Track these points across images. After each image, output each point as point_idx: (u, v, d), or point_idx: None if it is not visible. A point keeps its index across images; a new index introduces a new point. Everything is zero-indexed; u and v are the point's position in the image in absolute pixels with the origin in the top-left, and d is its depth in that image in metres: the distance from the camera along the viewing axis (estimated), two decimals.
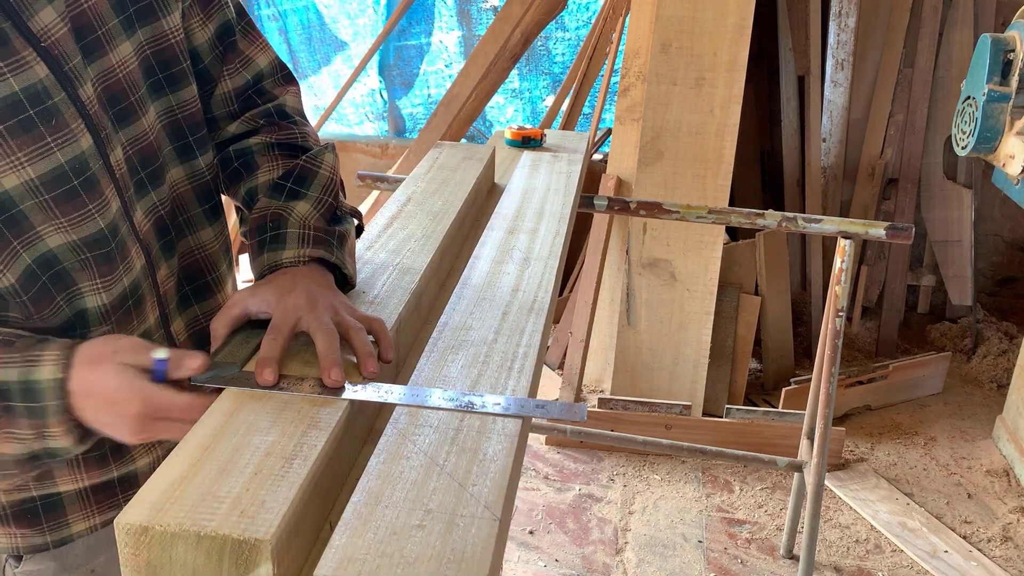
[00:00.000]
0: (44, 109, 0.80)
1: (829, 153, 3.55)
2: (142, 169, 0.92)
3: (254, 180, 1.00)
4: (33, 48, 0.79)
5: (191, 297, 1.03)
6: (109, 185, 0.87)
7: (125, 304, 0.91)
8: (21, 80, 0.78)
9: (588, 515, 2.52)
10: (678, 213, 1.93)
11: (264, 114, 1.04)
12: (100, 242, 0.86)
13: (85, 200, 0.84)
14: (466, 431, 0.72)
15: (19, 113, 0.79)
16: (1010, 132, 2.25)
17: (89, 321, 0.88)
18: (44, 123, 0.80)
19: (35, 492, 0.94)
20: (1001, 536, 2.48)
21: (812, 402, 2.22)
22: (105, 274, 0.88)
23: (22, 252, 0.82)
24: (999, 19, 3.46)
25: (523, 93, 4.28)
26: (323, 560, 0.57)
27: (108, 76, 0.87)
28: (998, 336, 3.54)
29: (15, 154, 0.79)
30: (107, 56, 0.87)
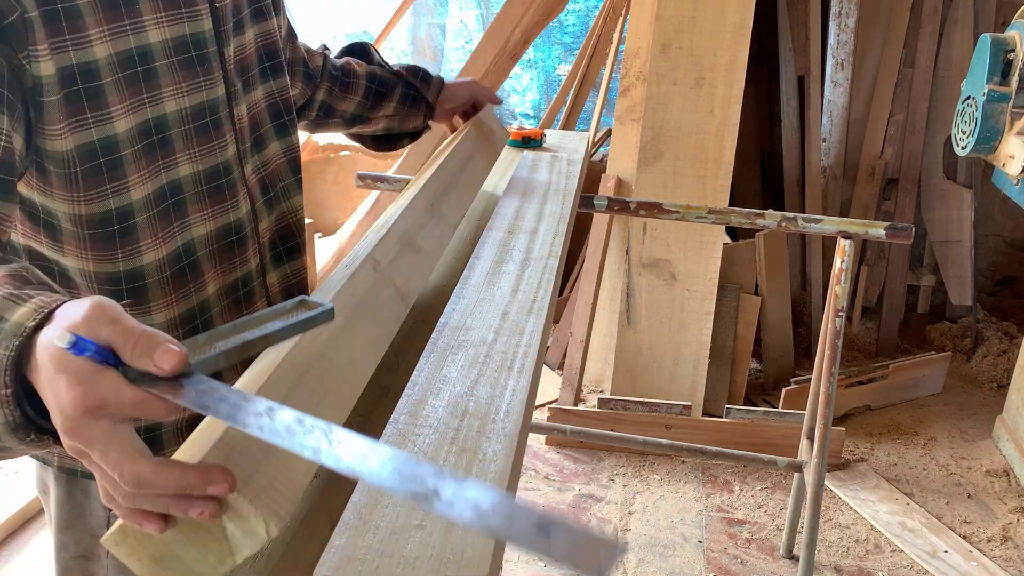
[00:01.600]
0: (202, 55, 0.96)
1: (829, 153, 3.55)
2: (252, 133, 1.07)
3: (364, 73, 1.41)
4: (208, 3, 0.97)
5: (283, 256, 1.15)
6: (230, 131, 1.02)
7: (229, 238, 1.03)
8: (194, 27, 0.95)
9: (588, 515, 2.52)
10: (678, 213, 1.93)
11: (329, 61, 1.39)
12: (216, 175, 1.00)
13: (212, 136, 0.99)
14: (466, 431, 0.72)
15: (186, 52, 0.94)
16: (1010, 132, 2.25)
17: (196, 247, 0.99)
18: (201, 65, 0.96)
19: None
20: (1001, 536, 2.48)
21: (812, 402, 2.22)
22: (215, 203, 1.00)
23: (163, 172, 0.94)
24: (999, 19, 3.46)
25: (537, 62, 4.55)
26: (323, 560, 0.57)
27: (242, 50, 1.05)
28: (998, 336, 3.54)
29: (180, 84, 0.94)
30: (244, 34, 1.05)
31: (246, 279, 1.07)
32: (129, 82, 0.89)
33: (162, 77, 0.92)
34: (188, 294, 1.00)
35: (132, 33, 0.88)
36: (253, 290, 1.10)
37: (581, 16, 4.38)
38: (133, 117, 0.90)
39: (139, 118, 0.90)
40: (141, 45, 0.89)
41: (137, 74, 0.89)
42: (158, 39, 0.91)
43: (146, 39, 0.90)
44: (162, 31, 0.91)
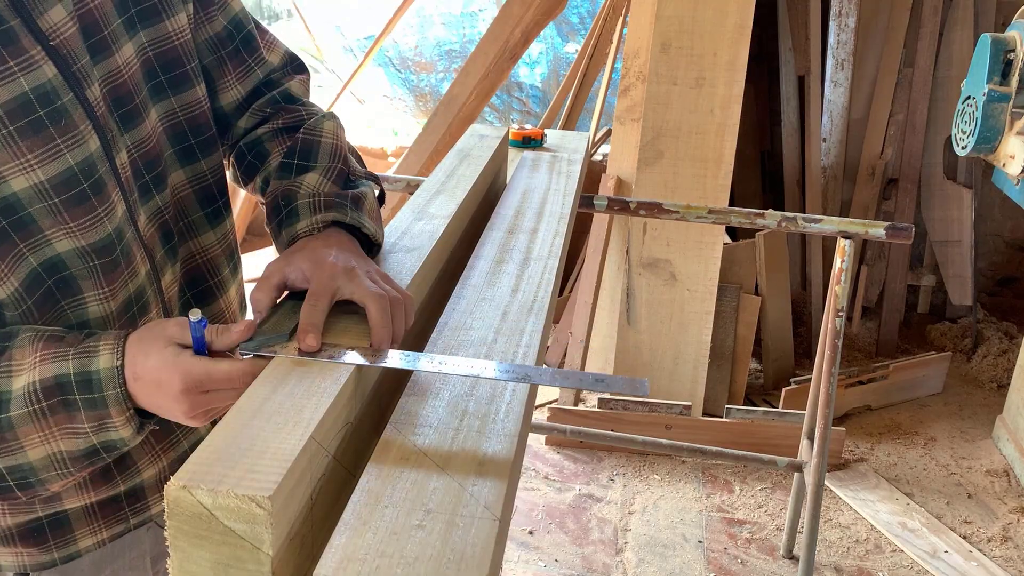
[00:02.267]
0: (53, 110, 0.79)
1: (829, 153, 3.55)
2: (146, 173, 0.91)
3: (267, 168, 0.99)
4: (42, 47, 0.78)
5: (192, 302, 1.02)
6: (115, 189, 0.86)
7: (130, 311, 0.90)
8: (31, 80, 0.77)
9: (588, 515, 2.52)
10: (678, 213, 1.93)
11: (270, 102, 1.03)
12: (107, 249, 0.85)
13: (94, 204, 0.83)
14: (466, 431, 0.72)
15: (29, 114, 0.77)
16: (1010, 132, 2.25)
17: (92, 328, 0.87)
18: (53, 124, 0.79)
19: (41, 512, 0.92)
20: (1001, 536, 2.48)
21: (812, 402, 2.22)
22: (112, 281, 0.87)
23: (28, 256, 0.81)
24: (999, 19, 3.46)
25: (546, 39, 4.61)
26: (323, 560, 0.57)
27: (114, 77, 0.86)
28: (998, 336, 3.54)
29: (24, 156, 0.77)
30: (112, 57, 0.85)
31: None
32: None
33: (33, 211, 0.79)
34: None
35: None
36: None
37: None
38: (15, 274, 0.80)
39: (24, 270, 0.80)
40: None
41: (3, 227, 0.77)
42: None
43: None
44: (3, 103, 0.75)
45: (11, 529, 0.92)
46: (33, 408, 0.75)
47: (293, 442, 0.64)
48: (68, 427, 0.76)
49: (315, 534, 0.68)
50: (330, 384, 0.72)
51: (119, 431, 0.77)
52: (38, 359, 0.76)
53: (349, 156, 1.01)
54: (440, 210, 1.17)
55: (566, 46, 4.51)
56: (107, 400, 0.76)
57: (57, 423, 0.76)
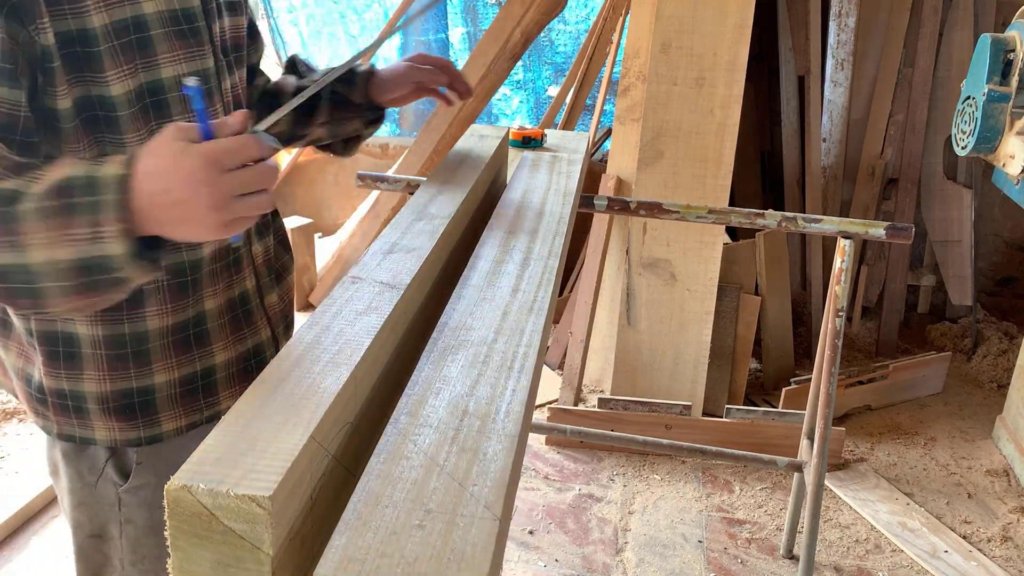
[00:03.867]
0: (193, 28, 1.02)
1: (829, 153, 3.55)
2: (231, 104, 1.12)
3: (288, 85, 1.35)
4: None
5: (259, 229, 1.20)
6: (219, 102, 1.08)
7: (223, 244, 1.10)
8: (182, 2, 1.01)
9: (588, 515, 2.52)
10: (678, 213, 1.93)
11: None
12: None
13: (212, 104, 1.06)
14: (466, 431, 0.72)
15: (179, 24, 1.00)
16: (1010, 132, 2.25)
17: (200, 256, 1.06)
18: (192, 36, 1.02)
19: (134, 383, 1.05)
20: (1001, 536, 2.48)
21: (812, 402, 2.22)
22: None
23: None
24: (999, 19, 3.46)
25: (527, 84, 4.42)
26: (323, 560, 0.57)
27: (222, 33, 1.09)
28: (998, 336, 3.54)
29: (176, 51, 1.00)
30: (222, 19, 1.10)
31: (242, 298, 1.15)
32: (124, 49, 0.95)
33: (158, 45, 0.98)
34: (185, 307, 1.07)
35: (128, 3, 0.95)
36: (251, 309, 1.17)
37: (573, 37, 4.29)
38: (130, 81, 0.96)
39: (135, 82, 0.96)
40: (137, 15, 0.96)
41: (132, 42, 0.95)
42: (152, 11, 0.97)
43: (140, 10, 0.96)
44: (156, 2, 0.98)
45: (108, 401, 1.05)
46: (41, 205, 0.79)
47: (293, 442, 0.64)
48: (67, 232, 0.79)
49: (316, 534, 0.68)
50: (330, 384, 0.72)
51: (111, 244, 0.79)
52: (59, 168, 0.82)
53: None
54: (440, 210, 1.17)
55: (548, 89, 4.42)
56: (103, 205, 0.78)
57: (60, 226, 0.79)
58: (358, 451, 0.78)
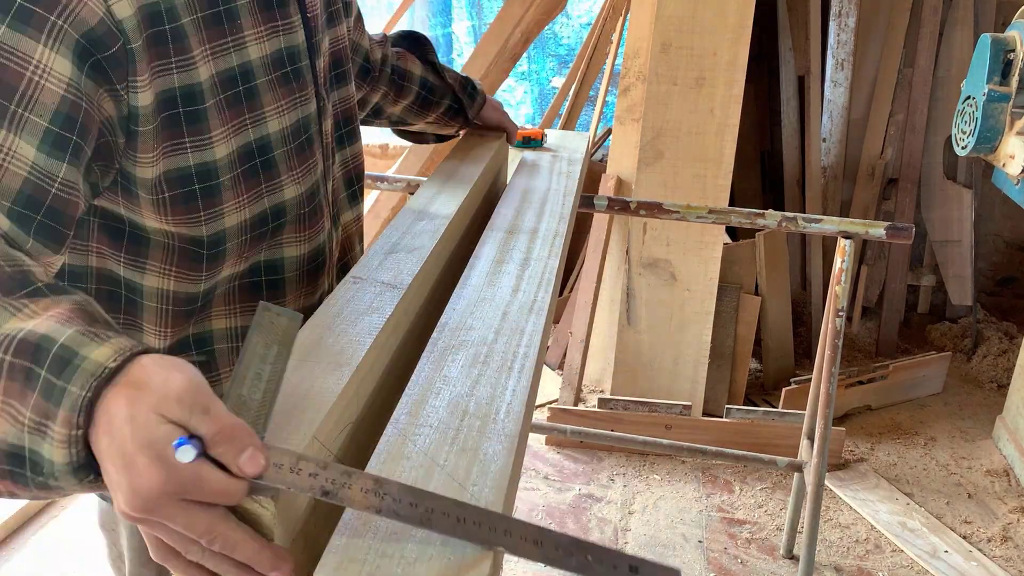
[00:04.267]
0: (296, 69, 0.92)
1: (829, 153, 3.55)
2: (332, 148, 1.06)
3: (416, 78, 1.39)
4: (301, 15, 0.92)
5: (340, 274, 1.13)
6: (318, 149, 0.99)
7: (315, 261, 1.02)
8: (288, 40, 0.90)
9: (588, 515, 2.52)
10: (678, 213, 1.93)
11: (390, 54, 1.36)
12: (311, 197, 0.97)
13: (307, 156, 0.95)
14: (466, 431, 0.72)
15: (283, 67, 0.90)
16: (1010, 132, 2.25)
17: (285, 267, 0.97)
18: (296, 80, 0.92)
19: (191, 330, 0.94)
20: (1001, 536, 2.48)
21: (812, 402, 2.22)
22: (311, 225, 0.98)
23: (265, 197, 0.90)
24: (999, 19, 3.46)
25: (531, 75, 4.53)
26: (323, 560, 0.57)
27: (324, 60, 1.01)
28: (998, 336, 3.54)
29: (280, 101, 0.90)
30: (323, 43, 1.00)
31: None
32: (231, 103, 0.84)
33: (263, 95, 0.87)
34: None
35: (234, 50, 0.84)
36: None
37: (575, 30, 4.40)
38: (234, 140, 0.85)
39: (240, 141, 0.86)
40: (243, 63, 0.85)
41: (239, 94, 0.85)
42: (258, 55, 0.86)
43: (247, 56, 0.85)
44: (261, 47, 0.87)
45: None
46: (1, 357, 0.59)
47: (295, 442, 0.64)
48: (13, 405, 0.58)
49: (319, 533, 0.68)
50: (332, 385, 0.72)
51: (52, 448, 0.57)
52: (52, 313, 0.61)
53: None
54: (441, 210, 1.17)
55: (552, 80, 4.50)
56: (64, 395, 0.56)
57: (7, 391, 0.58)
58: (359, 451, 0.78)
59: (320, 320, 0.84)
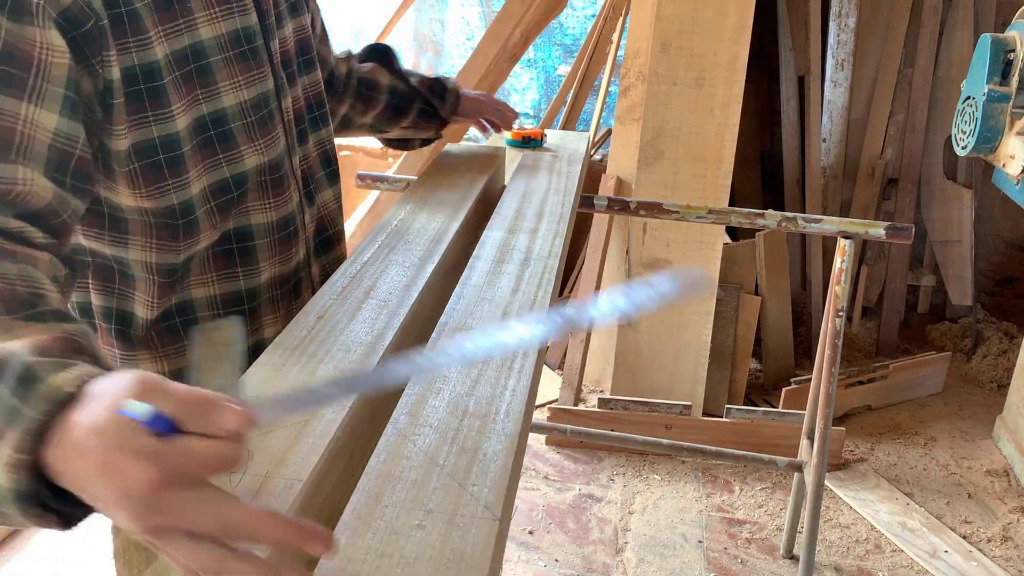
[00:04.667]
0: (252, 48, 0.99)
1: (829, 153, 3.55)
2: (296, 126, 1.11)
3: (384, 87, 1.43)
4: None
5: (321, 248, 1.19)
6: (279, 124, 1.05)
7: (286, 230, 1.08)
8: (242, 20, 0.98)
9: (588, 515, 2.52)
10: (678, 213, 1.93)
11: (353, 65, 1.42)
12: (276, 167, 1.04)
13: (270, 128, 1.02)
14: (466, 431, 0.72)
15: (238, 46, 0.97)
16: (1010, 132, 2.25)
17: (254, 235, 1.04)
18: (252, 58, 0.99)
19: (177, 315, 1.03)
20: (1001, 536, 2.48)
21: (812, 402, 2.22)
22: (277, 195, 1.05)
23: (224, 166, 0.98)
24: (999, 19, 3.46)
25: (537, 62, 4.60)
26: (323, 560, 0.57)
27: (284, 44, 1.07)
28: (998, 336, 3.54)
29: (236, 77, 0.97)
30: (284, 28, 1.07)
31: (296, 269, 1.12)
32: (185, 79, 0.92)
33: (217, 72, 0.95)
34: (235, 277, 1.05)
35: (187, 31, 0.92)
36: (300, 280, 1.14)
37: (580, 21, 4.46)
38: (190, 113, 0.93)
39: (196, 114, 0.94)
40: (195, 42, 0.93)
41: (192, 71, 0.93)
42: (211, 35, 0.94)
43: (199, 36, 0.93)
44: (215, 26, 0.95)
45: None
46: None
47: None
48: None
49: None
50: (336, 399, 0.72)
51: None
52: (33, 340, 0.60)
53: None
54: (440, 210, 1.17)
55: (558, 68, 4.55)
56: (16, 417, 0.54)
57: None
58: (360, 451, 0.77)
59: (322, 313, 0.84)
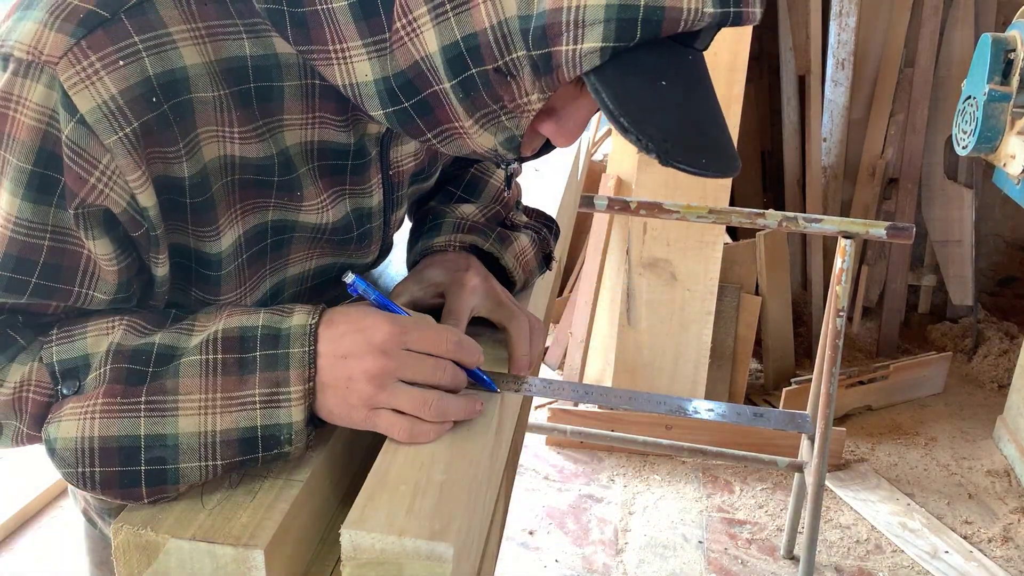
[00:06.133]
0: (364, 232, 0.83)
1: (830, 153, 3.54)
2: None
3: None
4: (382, 175, 0.82)
5: None
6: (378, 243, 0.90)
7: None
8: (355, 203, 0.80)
9: (588, 515, 2.52)
10: (678, 213, 1.93)
11: None
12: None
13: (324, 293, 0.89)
14: None
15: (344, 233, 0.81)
16: (1011, 132, 2.25)
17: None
18: (358, 243, 0.83)
19: None
20: (1002, 536, 2.48)
21: (812, 402, 2.22)
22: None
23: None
24: (1000, 18, 3.45)
25: None
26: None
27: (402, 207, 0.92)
28: (999, 336, 3.54)
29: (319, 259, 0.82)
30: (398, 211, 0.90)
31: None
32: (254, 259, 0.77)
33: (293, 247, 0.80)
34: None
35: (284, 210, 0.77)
36: None
37: None
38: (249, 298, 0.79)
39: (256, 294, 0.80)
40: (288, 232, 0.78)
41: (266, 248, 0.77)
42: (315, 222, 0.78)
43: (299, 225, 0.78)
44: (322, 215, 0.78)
45: None
46: (206, 358, 0.65)
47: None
48: (234, 396, 0.64)
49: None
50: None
51: (290, 410, 0.64)
52: (225, 315, 0.68)
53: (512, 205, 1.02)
54: None
55: None
56: (290, 359, 0.65)
57: (224, 387, 0.64)
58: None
59: None
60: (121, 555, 0.60)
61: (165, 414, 0.63)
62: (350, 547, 0.57)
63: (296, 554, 0.65)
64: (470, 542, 0.64)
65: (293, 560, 0.64)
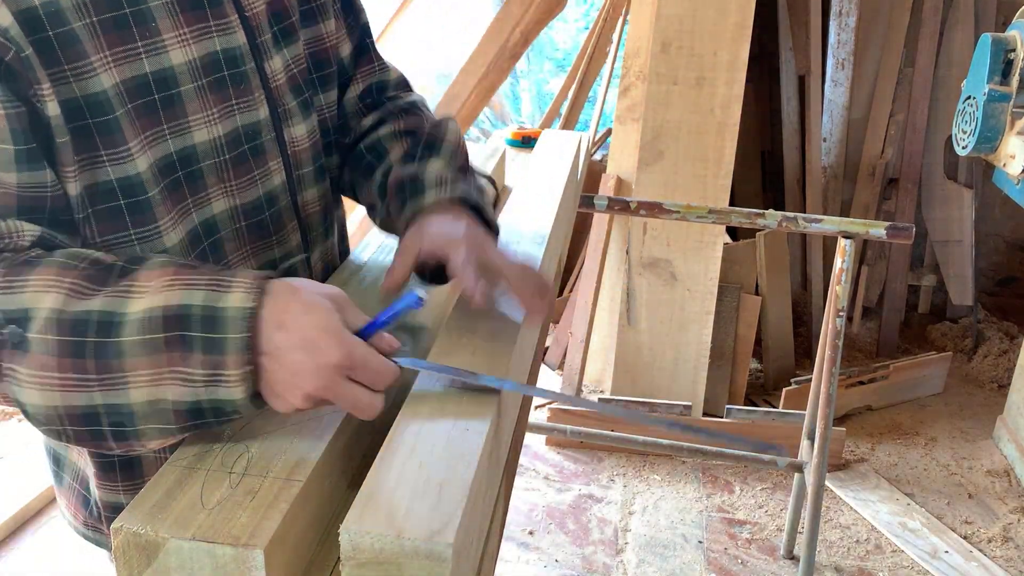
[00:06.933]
0: (237, 73, 0.86)
1: (830, 153, 3.55)
2: (312, 160, 0.98)
3: (387, 163, 1.01)
4: (238, 15, 0.86)
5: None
6: (277, 158, 0.92)
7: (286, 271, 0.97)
8: (223, 41, 0.84)
9: (588, 515, 2.52)
10: (678, 213, 1.93)
11: (393, 108, 1.07)
12: (258, 209, 0.91)
13: (252, 166, 0.89)
14: None
15: (217, 71, 0.84)
16: (1011, 132, 2.25)
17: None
18: (234, 85, 0.86)
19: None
20: (1002, 536, 2.48)
21: (812, 402, 2.22)
22: (255, 240, 0.92)
23: (193, 212, 0.85)
24: (1000, 18, 3.46)
25: (529, 74, 4.64)
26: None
27: (296, 62, 0.95)
28: (999, 336, 3.54)
29: (210, 109, 0.84)
30: (296, 43, 0.95)
31: None
32: (143, 112, 0.78)
33: (187, 103, 0.81)
34: None
35: (147, 56, 0.78)
36: None
37: (571, 35, 4.48)
38: (152, 152, 0.79)
39: (159, 152, 0.80)
40: (159, 69, 0.79)
41: (154, 102, 0.79)
42: (182, 60, 0.80)
43: (165, 61, 0.79)
44: (187, 50, 0.81)
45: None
46: (148, 337, 0.66)
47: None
48: (180, 370, 0.66)
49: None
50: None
51: (231, 389, 0.67)
52: (165, 284, 0.68)
53: (467, 157, 1.05)
54: None
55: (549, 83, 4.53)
56: (226, 344, 0.66)
57: (170, 362, 0.66)
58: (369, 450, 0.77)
59: None
60: (121, 555, 0.60)
61: (116, 387, 0.67)
62: (349, 547, 0.57)
63: (296, 554, 0.65)
64: (469, 542, 0.64)
65: (293, 560, 0.64)
